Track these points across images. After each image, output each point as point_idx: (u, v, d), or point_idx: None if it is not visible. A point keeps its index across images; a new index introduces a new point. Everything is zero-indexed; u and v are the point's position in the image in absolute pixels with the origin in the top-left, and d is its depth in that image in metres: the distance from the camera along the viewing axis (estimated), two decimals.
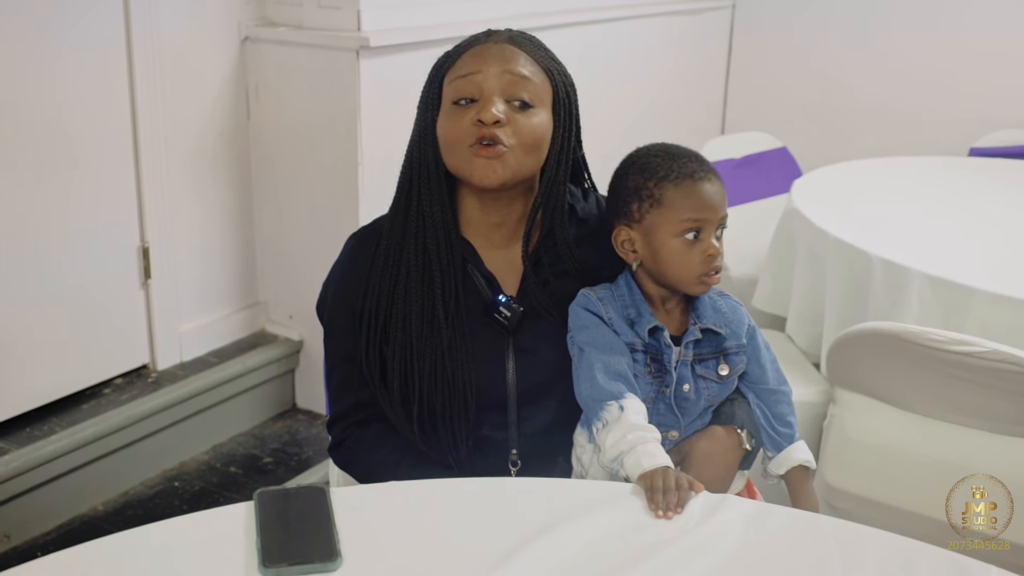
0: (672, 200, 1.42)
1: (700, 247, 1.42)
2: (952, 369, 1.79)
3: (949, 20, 4.11)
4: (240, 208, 3.13)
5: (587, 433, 1.43)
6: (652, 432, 1.36)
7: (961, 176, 3.12)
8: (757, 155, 3.50)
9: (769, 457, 1.52)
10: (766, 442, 1.52)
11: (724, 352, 1.49)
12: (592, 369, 1.41)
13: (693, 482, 1.28)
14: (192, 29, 2.87)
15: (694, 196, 1.42)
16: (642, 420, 1.37)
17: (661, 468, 1.29)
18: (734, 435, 1.49)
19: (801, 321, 2.56)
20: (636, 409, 1.38)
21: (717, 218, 1.43)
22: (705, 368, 1.48)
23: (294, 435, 3.09)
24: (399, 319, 1.50)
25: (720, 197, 1.43)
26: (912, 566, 1.17)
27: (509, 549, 1.17)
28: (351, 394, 1.57)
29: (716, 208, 1.42)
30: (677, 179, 1.43)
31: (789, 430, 1.52)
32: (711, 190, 1.43)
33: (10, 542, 2.52)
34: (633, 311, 1.45)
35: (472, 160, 1.43)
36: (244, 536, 1.18)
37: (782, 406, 1.53)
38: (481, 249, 1.53)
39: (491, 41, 1.47)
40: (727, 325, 1.49)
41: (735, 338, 1.49)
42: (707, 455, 1.46)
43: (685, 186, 1.42)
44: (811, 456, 1.52)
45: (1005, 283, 2.10)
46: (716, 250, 1.42)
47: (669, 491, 1.26)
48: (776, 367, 1.55)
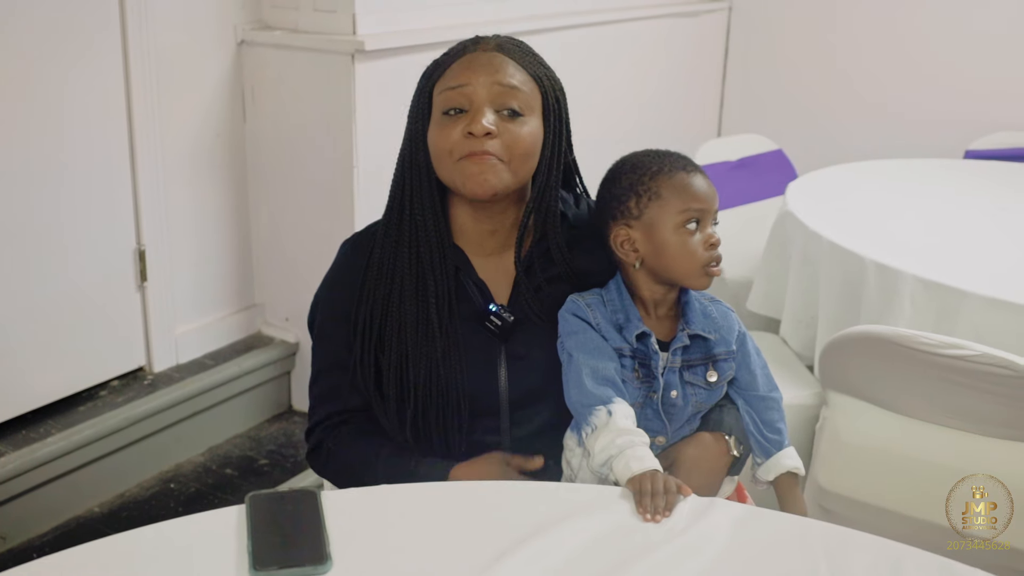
0: (670, 191, 1.44)
1: (701, 237, 1.44)
2: (944, 372, 1.80)
3: (945, 22, 4.11)
4: (236, 211, 3.13)
5: (576, 437, 1.44)
6: (641, 436, 1.37)
7: (956, 179, 3.12)
8: (753, 157, 3.51)
9: (758, 463, 1.52)
10: (755, 448, 1.52)
11: (713, 358, 1.49)
12: (580, 374, 1.41)
13: (681, 486, 1.28)
14: (188, 32, 2.87)
15: (690, 187, 1.44)
16: (630, 424, 1.38)
17: (650, 472, 1.30)
18: (722, 441, 1.49)
19: (795, 324, 2.56)
20: (624, 413, 1.38)
21: (712, 209, 1.45)
22: (693, 374, 1.48)
23: (290, 437, 3.10)
24: (394, 327, 1.51)
25: (712, 190, 1.46)
26: (900, 570, 1.18)
27: (499, 552, 1.17)
28: (334, 402, 1.58)
29: (711, 199, 1.45)
30: (671, 172, 1.45)
31: (778, 436, 1.52)
32: (703, 182, 1.46)
33: (6, 543, 2.52)
34: (622, 316, 1.46)
35: (463, 172, 1.43)
36: (235, 539, 1.18)
37: (772, 412, 1.53)
38: (473, 256, 1.53)
39: (479, 49, 1.47)
40: (717, 331, 1.49)
41: (724, 344, 1.50)
42: (694, 461, 1.46)
43: (679, 177, 1.45)
44: (800, 463, 1.52)
45: (997, 287, 2.11)
46: (717, 239, 1.45)
47: (657, 495, 1.26)
48: (767, 373, 1.55)
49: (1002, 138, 3.57)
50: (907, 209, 2.79)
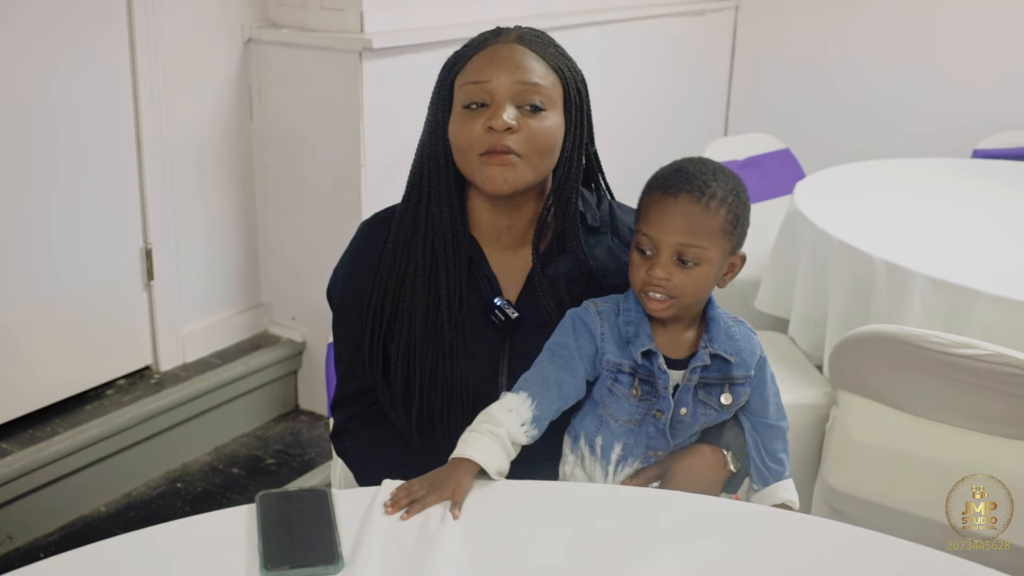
0: (642, 209, 1.41)
1: (647, 265, 1.37)
2: (954, 372, 1.79)
3: (953, 22, 4.10)
4: (243, 209, 3.13)
5: (570, 442, 1.43)
6: (499, 427, 1.34)
7: (965, 178, 3.11)
8: (760, 156, 3.50)
9: (755, 489, 1.50)
10: (754, 474, 1.50)
11: (730, 380, 1.44)
12: (535, 364, 1.41)
13: (455, 507, 1.25)
14: (195, 31, 2.87)
15: (653, 211, 1.38)
16: (502, 415, 1.35)
17: (432, 474, 1.29)
18: (719, 455, 1.47)
19: (804, 323, 2.55)
20: (511, 406, 1.36)
21: (670, 242, 1.36)
22: (708, 394, 1.43)
23: (296, 436, 3.10)
24: (404, 318, 1.51)
25: (685, 224, 1.35)
26: (909, 570, 1.17)
27: (502, 552, 1.17)
28: (357, 379, 1.58)
29: (670, 231, 1.35)
30: (654, 189, 1.40)
31: (779, 467, 1.50)
32: (676, 211, 1.36)
33: (12, 543, 2.52)
34: (632, 329, 1.41)
35: (483, 168, 1.42)
36: (246, 539, 1.18)
37: (777, 442, 1.50)
38: (488, 250, 1.53)
39: (500, 41, 1.47)
40: (738, 353, 1.43)
41: (744, 368, 1.44)
42: (688, 470, 1.44)
43: (654, 199, 1.39)
44: (796, 496, 1.50)
45: (1008, 286, 2.09)
46: (659, 275, 1.35)
47: (414, 495, 1.25)
48: (778, 401, 1.51)
49: (1011, 137, 3.55)
50: (916, 208, 2.78)
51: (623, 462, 1.43)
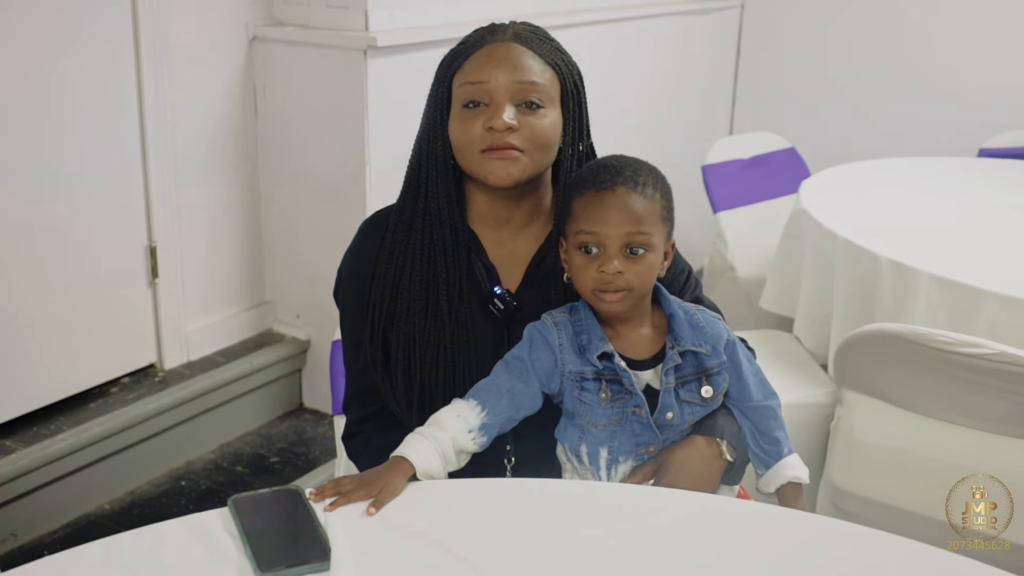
0: (575, 211, 1.39)
1: (596, 263, 1.37)
2: (960, 371, 1.78)
3: (959, 20, 4.09)
4: (247, 207, 3.13)
5: (561, 453, 1.43)
6: (443, 432, 1.34)
7: (970, 177, 3.10)
8: (765, 155, 3.49)
9: (759, 474, 1.48)
10: (754, 460, 1.48)
11: (706, 372, 1.42)
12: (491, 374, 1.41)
13: (373, 505, 1.24)
14: (200, 28, 2.87)
15: (591, 208, 1.37)
16: (450, 420, 1.36)
17: (369, 471, 1.30)
18: (714, 445, 1.45)
19: (809, 322, 2.55)
20: (459, 412, 1.37)
21: (618, 234, 1.35)
22: (688, 392, 1.42)
23: (301, 435, 3.10)
24: (403, 311, 1.51)
25: (628, 214, 1.35)
26: (914, 569, 1.17)
27: (499, 548, 1.17)
28: (368, 377, 1.58)
29: (616, 223, 1.35)
30: (584, 189, 1.39)
31: (775, 447, 1.46)
32: (617, 204, 1.36)
33: (16, 541, 2.52)
34: (585, 337, 1.40)
35: (485, 164, 1.44)
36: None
37: (768, 421, 1.47)
38: (487, 241, 1.54)
39: (497, 40, 1.48)
40: (707, 341, 1.42)
41: (716, 356, 1.42)
42: (683, 462, 1.42)
43: (587, 197, 1.38)
44: (803, 471, 1.47)
45: (1013, 285, 2.09)
46: (612, 269, 1.35)
47: (342, 488, 1.25)
48: (760, 380, 1.48)
49: (1017, 136, 3.55)
50: (921, 207, 2.77)
51: (614, 464, 1.41)
